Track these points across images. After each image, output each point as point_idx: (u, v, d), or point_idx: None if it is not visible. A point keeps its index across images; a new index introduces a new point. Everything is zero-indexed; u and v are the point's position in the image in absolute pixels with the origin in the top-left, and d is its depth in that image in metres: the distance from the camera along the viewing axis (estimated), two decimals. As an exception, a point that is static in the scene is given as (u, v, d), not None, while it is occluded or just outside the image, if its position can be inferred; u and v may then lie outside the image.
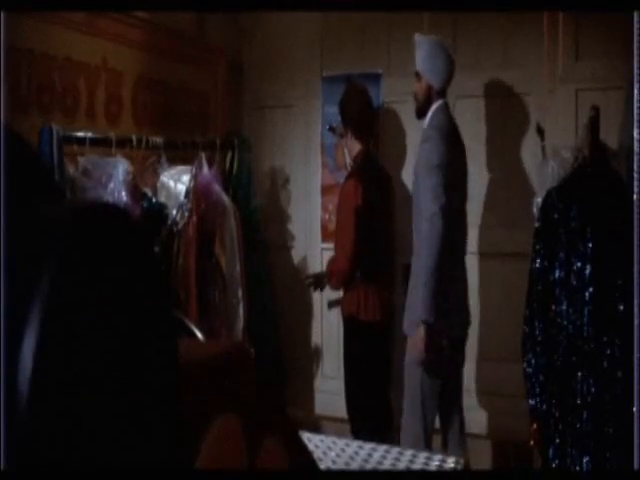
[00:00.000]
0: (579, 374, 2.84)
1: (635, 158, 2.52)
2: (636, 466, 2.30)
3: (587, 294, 2.85)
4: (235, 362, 1.34)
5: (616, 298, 2.81)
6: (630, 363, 2.72)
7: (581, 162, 3.05)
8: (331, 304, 4.41)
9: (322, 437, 2.62)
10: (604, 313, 2.83)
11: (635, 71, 2.45)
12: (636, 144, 2.52)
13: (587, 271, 2.87)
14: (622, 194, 2.90)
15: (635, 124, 2.47)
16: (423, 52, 3.50)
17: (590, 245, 2.88)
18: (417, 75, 3.51)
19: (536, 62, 4.06)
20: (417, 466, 2.36)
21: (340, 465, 2.35)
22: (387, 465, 2.37)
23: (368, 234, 3.78)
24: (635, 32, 2.44)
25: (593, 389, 2.82)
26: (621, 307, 2.79)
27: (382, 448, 2.54)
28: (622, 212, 2.87)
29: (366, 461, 2.40)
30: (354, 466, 2.35)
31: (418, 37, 3.53)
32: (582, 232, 2.90)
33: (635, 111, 2.44)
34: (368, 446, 2.55)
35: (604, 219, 2.90)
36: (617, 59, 3.70)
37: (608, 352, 2.80)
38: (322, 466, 2.26)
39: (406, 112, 4.37)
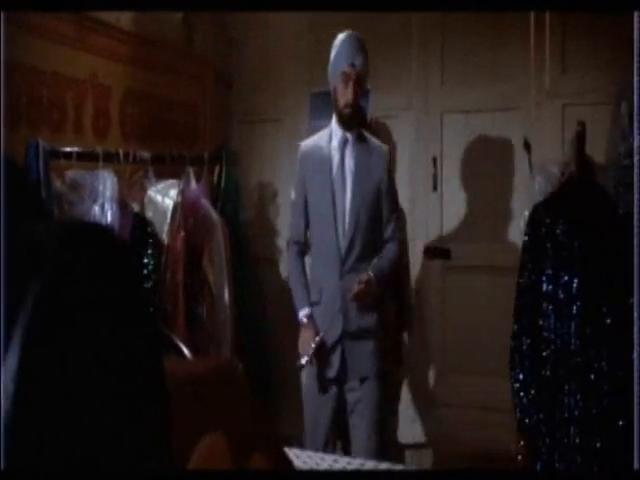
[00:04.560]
0: (567, 388, 2.84)
1: (635, 167, 2.50)
2: (636, 466, 2.29)
3: (575, 308, 2.86)
4: (222, 380, 1.33)
5: (603, 312, 2.82)
6: (623, 372, 2.73)
7: (568, 177, 3.07)
8: None
9: (310, 453, 2.61)
10: (592, 327, 2.84)
11: (635, 71, 2.45)
12: (636, 151, 2.51)
13: (574, 285, 2.87)
14: (608, 208, 2.92)
15: (635, 128, 2.46)
16: None
17: (577, 259, 2.89)
18: None
19: (523, 77, 4.08)
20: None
21: (328, 481, 2.33)
22: (375, 481, 2.35)
23: None
24: (635, 32, 2.44)
25: (581, 403, 2.82)
26: (608, 321, 2.80)
27: (370, 464, 2.53)
28: (609, 226, 2.88)
29: (354, 477, 2.38)
30: (342, 482, 2.33)
31: None
32: (569, 246, 2.91)
33: (635, 114, 2.43)
34: (357, 462, 2.54)
35: (591, 233, 2.91)
36: (604, 73, 3.72)
37: (595, 366, 2.81)
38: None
39: (395, 127, 4.38)
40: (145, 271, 3.55)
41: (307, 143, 3.36)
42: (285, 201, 4.74)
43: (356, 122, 3.29)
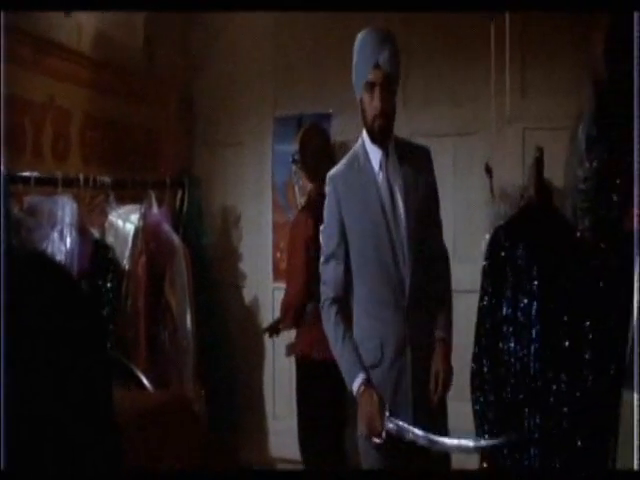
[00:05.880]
0: (527, 410, 2.86)
1: (635, 170, 2.51)
2: (636, 466, 2.29)
3: (534, 331, 2.88)
4: (177, 412, 1.32)
5: (562, 335, 2.85)
6: (581, 393, 2.75)
7: (527, 201, 3.10)
8: (289, 349, 4.15)
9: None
10: (551, 350, 2.86)
11: (635, 72, 2.46)
12: (636, 153, 2.51)
13: (534, 308, 2.90)
14: (567, 232, 2.95)
15: (635, 132, 2.47)
16: None
17: (536, 283, 2.92)
18: None
19: (484, 101, 4.13)
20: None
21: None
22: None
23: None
24: (635, 32, 2.45)
25: (540, 425, 2.83)
26: (567, 344, 2.82)
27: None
28: (567, 250, 2.91)
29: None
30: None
31: None
32: (528, 270, 2.94)
33: (635, 116, 2.44)
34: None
35: (549, 257, 2.94)
36: (563, 99, 3.78)
37: (555, 388, 2.83)
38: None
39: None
40: (106, 297, 3.51)
41: (336, 174, 2.76)
42: (248, 225, 4.73)
43: (392, 133, 2.73)
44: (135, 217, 3.72)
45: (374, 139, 2.69)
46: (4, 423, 0.53)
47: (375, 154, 2.71)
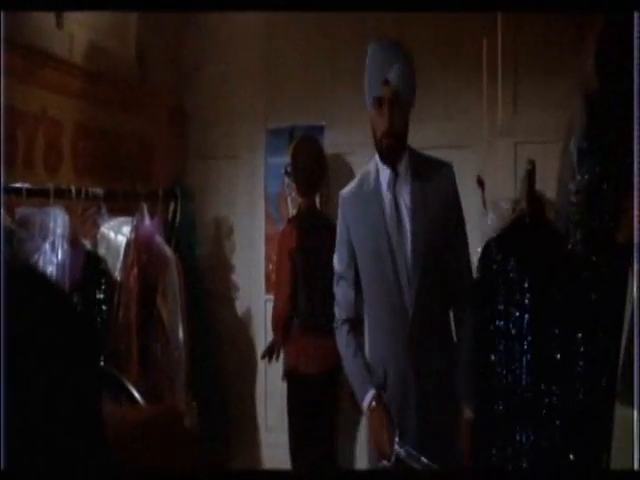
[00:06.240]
0: (518, 423, 2.86)
1: (635, 176, 2.51)
2: (636, 466, 2.29)
3: (525, 343, 2.89)
4: (168, 425, 1.32)
5: (554, 347, 2.85)
6: (574, 406, 2.75)
7: (518, 213, 3.11)
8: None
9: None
10: (542, 362, 2.86)
11: (635, 72, 2.46)
12: (636, 165, 2.51)
13: (525, 321, 2.90)
14: (558, 245, 2.96)
15: (635, 134, 2.47)
16: None
17: (528, 295, 2.92)
18: None
19: (476, 115, 4.15)
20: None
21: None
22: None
23: (306, 279, 3.76)
24: (635, 32, 2.45)
25: (532, 438, 2.83)
26: (558, 356, 2.82)
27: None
28: (558, 262, 2.92)
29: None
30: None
31: None
32: (520, 282, 2.94)
33: (635, 116, 2.44)
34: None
35: (541, 269, 2.94)
36: (554, 113, 3.79)
37: (546, 401, 2.83)
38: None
39: (354, 163, 4.40)
40: (97, 309, 3.50)
41: (347, 193, 2.69)
42: (240, 237, 4.73)
43: (402, 151, 2.59)
44: (127, 229, 3.71)
45: (383, 158, 2.58)
46: (4, 424, 0.53)
47: (385, 173, 2.60)
